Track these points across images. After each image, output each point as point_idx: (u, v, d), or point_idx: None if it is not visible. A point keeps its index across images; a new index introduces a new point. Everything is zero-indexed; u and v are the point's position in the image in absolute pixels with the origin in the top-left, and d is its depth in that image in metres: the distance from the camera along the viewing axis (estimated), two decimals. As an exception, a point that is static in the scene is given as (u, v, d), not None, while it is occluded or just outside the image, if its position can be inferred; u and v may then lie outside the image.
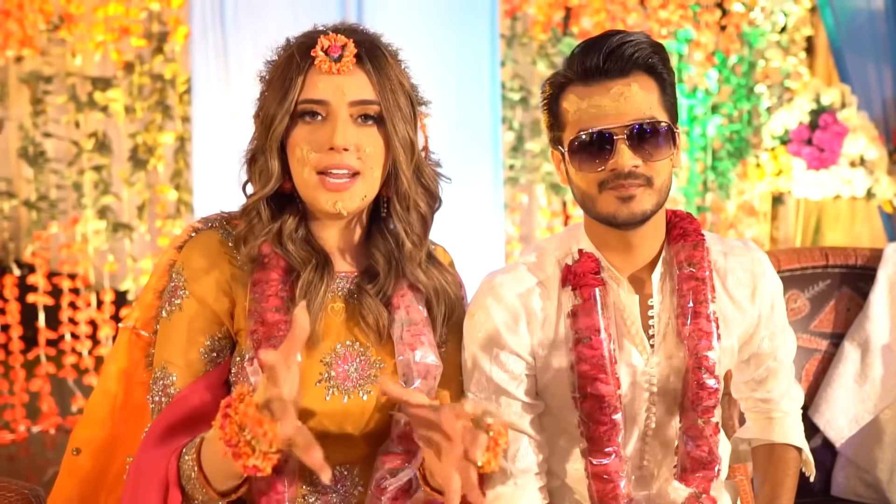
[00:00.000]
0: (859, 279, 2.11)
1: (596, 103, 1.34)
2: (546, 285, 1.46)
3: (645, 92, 1.35)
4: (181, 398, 1.31)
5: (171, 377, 1.32)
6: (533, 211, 4.29)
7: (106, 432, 1.42)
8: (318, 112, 1.31)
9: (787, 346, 1.58)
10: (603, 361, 1.39)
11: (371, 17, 3.34)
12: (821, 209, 4.18)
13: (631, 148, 1.33)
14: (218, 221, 1.40)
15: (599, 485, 1.41)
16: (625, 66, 1.34)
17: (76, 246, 3.87)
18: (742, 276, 1.49)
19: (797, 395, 1.63)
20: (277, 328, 1.30)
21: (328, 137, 1.29)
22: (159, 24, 3.78)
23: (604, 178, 1.35)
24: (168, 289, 1.37)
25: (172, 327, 1.35)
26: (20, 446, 3.73)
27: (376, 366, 1.37)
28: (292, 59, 1.31)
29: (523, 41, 4.07)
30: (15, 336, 3.76)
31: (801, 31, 4.21)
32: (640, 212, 1.35)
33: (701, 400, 1.42)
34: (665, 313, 1.45)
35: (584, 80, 1.35)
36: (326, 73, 1.29)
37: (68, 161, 3.90)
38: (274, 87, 1.32)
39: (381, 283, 1.38)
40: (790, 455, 1.60)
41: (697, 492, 1.44)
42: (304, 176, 1.31)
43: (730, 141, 4.20)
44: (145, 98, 3.83)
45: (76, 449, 1.42)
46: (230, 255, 1.36)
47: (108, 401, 1.43)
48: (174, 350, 1.34)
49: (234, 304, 1.35)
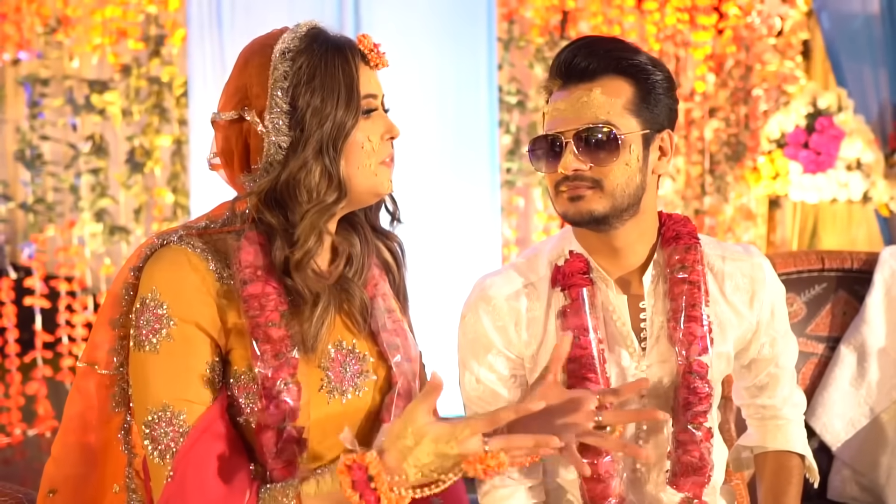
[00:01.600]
0: (855, 283, 2.11)
1: (557, 107, 1.40)
2: (537, 286, 1.47)
3: (608, 97, 1.37)
4: (202, 430, 1.24)
5: (180, 416, 1.23)
6: (529, 214, 4.29)
7: (80, 469, 1.34)
8: (372, 106, 1.33)
9: (788, 352, 1.57)
10: (592, 360, 1.40)
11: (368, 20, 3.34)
12: (817, 212, 4.19)
13: (578, 151, 1.36)
14: (176, 235, 1.30)
15: (591, 485, 1.41)
16: (590, 67, 1.37)
17: (73, 249, 3.86)
18: (741, 281, 1.48)
19: (799, 402, 1.62)
20: (283, 344, 1.26)
21: (391, 127, 1.34)
22: (156, 27, 3.78)
23: (558, 180, 1.40)
24: (145, 319, 1.25)
25: (165, 361, 1.24)
26: (16, 450, 3.72)
27: (365, 360, 1.37)
28: (346, 54, 1.31)
29: (520, 45, 4.07)
30: (11, 339, 3.75)
31: (797, 34, 4.22)
32: (587, 211, 1.38)
33: (691, 405, 1.41)
34: (657, 316, 1.45)
35: (560, 79, 1.41)
36: (374, 68, 1.34)
37: (65, 164, 3.90)
38: (330, 86, 1.28)
39: (357, 263, 1.39)
40: (793, 463, 1.59)
41: (689, 497, 1.44)
42: (370, 168, 1.32)
43: (727, 144, 4.21)
44: (142, 101, 3.83)
45: (52, 490, 1.34)
46: (205, 270, 1.27)
47: (75, 440, 1.34)
48: (176, 385, 1.24)
49: (225, 321, 1.28)
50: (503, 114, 3.99)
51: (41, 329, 3.80)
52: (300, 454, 1.27)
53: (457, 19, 3.52)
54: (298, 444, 1.27)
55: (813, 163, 3.63)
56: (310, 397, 1.30)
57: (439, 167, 3.36)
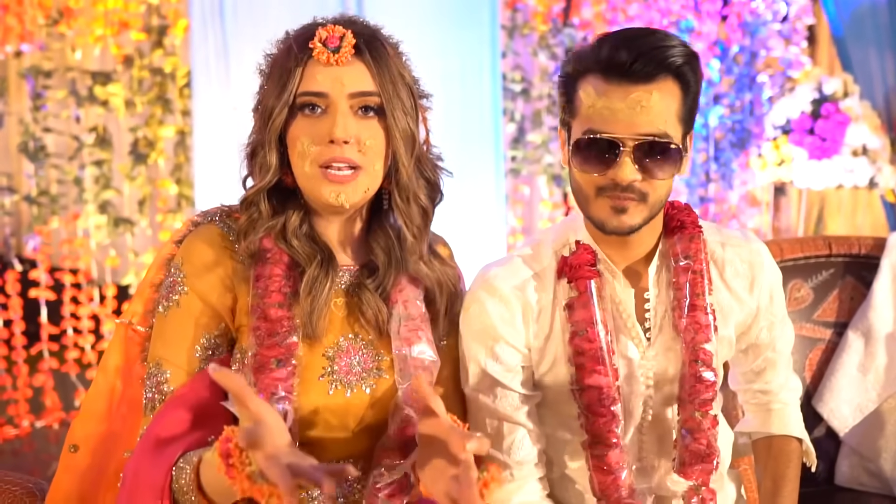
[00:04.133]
0: (862, 268, 2.10)
1: (611, 106, 1.30)
2: (542, 277, 1.45)
3: (664, 102, 1.30)
4: (179, 396, 1.29)
5: (165, 374, 1.31)
6: (534, 202, 4.29)
7: (104, 428, 1.41)
8: (318, 105, 1.29)
9: (785, 337, 1.57)
10: (600, 353, 1.39)
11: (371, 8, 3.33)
12: (823, 199, 4.18)
13: (635, 161, 1.30)
14: (218, 215, 1.38)
15: (601, 476, 1.41)
16: (652, 71, 1.29)
17: (77, 241, 3.87)
18: (740, 266, 1.48)
19: (795, 386, 1.63)
20: (280, 324, 1.29)
21: (328, 130, 1.28)
22: (159, 18, 3.78)
23: (603, 185, 1.33)
24: (165, 284, 1.35)
25: (168, 324, 1.33)
26: (24, 441, 3.74)
27: (378, 358, 1.37)
28: (290, 52, 1.30)
29: (524, 32, 4.06)
30: (17, 331, 3.77)
31: (802, 20, 4.19)
32: (629, 226, 1.35)
33: (698, 393, 1.42)
34: (661, 306, 1.45)
35: (607, 74, 1.30)
36: (325, 64, 1.28)
37: (69, 156, 3.90)
38: (272, 80, 1.31)
39: (380, 277, 1.37)
40: (791, 447, 1.59)
41: (697, 484, 1.44)
42: (304, 169, 1.30)
43: (732, 131, 4.19)
44: (145, 92, 3.83)
45: (73, 446, 1.40)
46: (231, 250, 1.34)
47: (105, 396, 1.41)
48: (169, 347, 1.32)
49: (236, 300, 1.34)
50: (507, 102, 3.98)
51: (47, 321, 3.81)
52: None
53: (460, 7, 3.50)
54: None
55: (818, 149, 3.62)
56: (307, 383, 1.31)
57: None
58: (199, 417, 1.28)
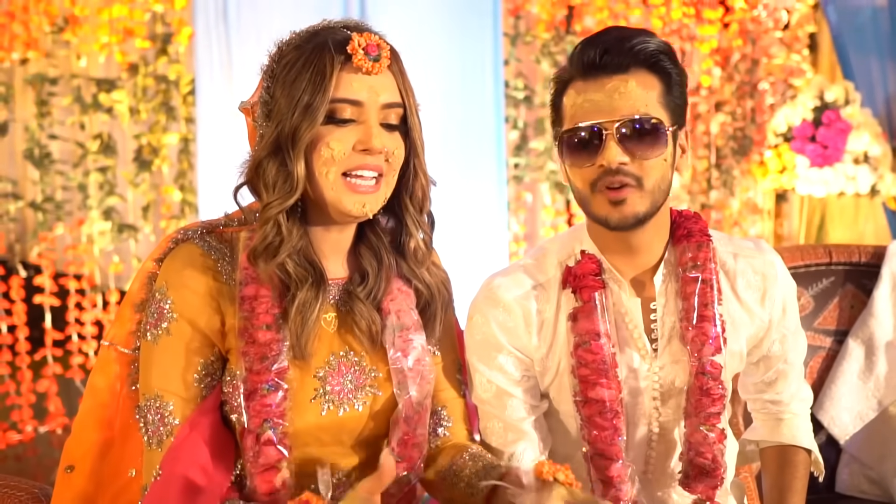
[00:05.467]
0: (863, 276, 2.10)
1: (590, 98, 1.32)
2: (546, 287, 1.44)
3: (643, 89, 1.32)
4: (186, 438, 1.25)
5: (168, 406, 1.26)
6: (537, 210, 4.29)
7: (98, 441, 1.36)
8: (347, 114, 1.25)
9: (798, 349, 1.55)
10: (604, 366, 1.37)
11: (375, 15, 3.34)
12: (824, 206, 4.18)
13: (620, 144, 1.30)
14: (198, 233, 1.33)
15: (603, 489, 1.39)
16: (622, 61, 1.31)
17: (82, 247, 3.88)
18: (752, 278, 1.46)
19: (806, 396, 1.60)
20: (269, 348, 1.25)
21: (363, 139, 1.24)
22: (163, 26, 3.79)
23: (594, 177, 1.33)
24: (152, 310, 1.30)
25: (161, 353, 1.28)
26: (27, 446, 3.74)
27: (371, 374, 1.35)
28: (324, 55, 1.24)
29: (527, 40, 4.07)
30: (22, 337, 3.77)
31: (804, 27, 4.21)
32: (632, 215, 1.33)
33: (704, 406, 1.39)
34: (669, 316, 1.42)
35: (584, 75, 1.34)
36: (365, 73, 1.24)
37: (73, 162, 3.91)
38: (298, 85, 1.23)
39: (371, 285, 1.35)
40: (799, 457, 1.57)
41: (701, 499, 1.41)
42: (327, 177, 1.25)
43: (733, 138, 4.20)
44: (150, 99, 3.84)
45: (70, 466, 1.36)
46: (214, 270, 1.29)
47: (97, 410, 1.37)
48: (167, 377, 1.27)
49: (224, 323, 1.29)
50: (510, 109, 3.99)
51: (51, 327, 3.82)
52: (279, 461, 1.25)
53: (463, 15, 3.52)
54: (277, 451, 1.25)
55: (820, 156, 3.62)
56: (300, 406, 1.28)
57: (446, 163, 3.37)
58: (213, 449, 1.27)
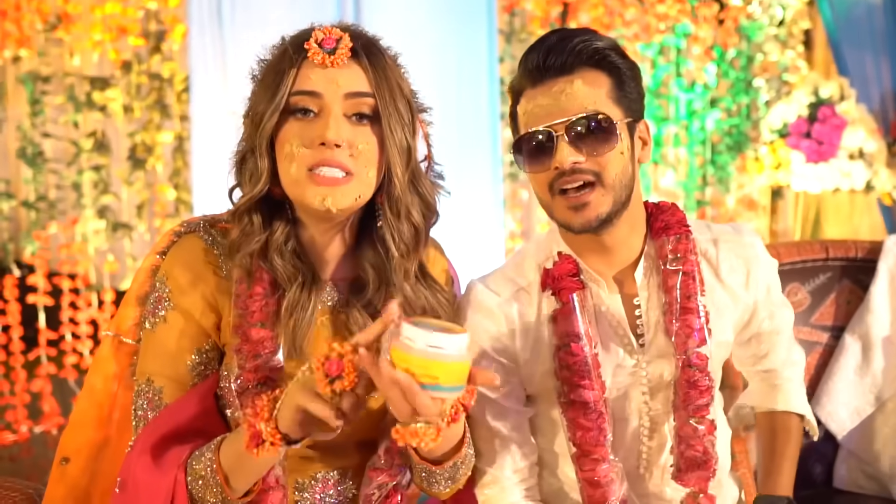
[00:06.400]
0: (860, 272, 2.10)
1: (539, 103, 1.33)
2: (528, 291, 1.44)
3: (590, 87, 1.32)
4: (170, 411, 1.27)
5: (159, 389, 1.28)
6: (533, 206, 4.29)
7: (95, 439, 1.37)
8: (310, 108, 1.23)
9: (786, 319, 1.56)
10: (585, 367, 1.37)
11: (369, 12, 3.34)
12: (820, 202, 4.18)
13: (571, 144, 1.30)
14: (201, 226, 1.33)
15: (590, 490, 1.40)
16: (566, 62, 1.31)
17: (76, 246, 3.87)
18: (735, 262, 1.46)
19: (798, 359, 1.61)
20: (262, 345, 1.25)
21: (320, 132, 1.22)
22: (157, 23, 3.78)
23: (551, 179, 1.33)
24: (152, 299, 1.32)
25: (157, 339, 1.30)
26: (22, 447, 3.73)
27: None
28: (285, 54, 1.26)
29: (521, 37, 4.06)
30: (15, 337, 3.76)
31: (798, 24, 4.21)
32: (595, 217, 1.33)
33: (692, 399, 1.39)
34: (653, 311, 1.42)
35: (532, 82, 1.34)
36: (320, 65, 1.23)
37: (67, 161, 3.90)
38: (265, 83, 1.26)
39: (368, 294, 1.32)
40: (792, 423, 1.59)
41: (695, 491, 1.42)
42: (291, 173, 1.23)
43: (728, 135, 4.19)
44: (143, 97, 3.83)
45: (65, 458, 1.37)
46: (215, 265, 1.30)
47: (94, 407, 1.38)
48: (160, 362, 1.29)
49: (221, 318, 1.30)
50: (505, 106, 3.97)
51: (45, 326, 3.80)
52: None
53: (458, 12, 3.52)
54: None
55: (815, 152, 3.62)
56: None
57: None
58: (192, 429, 1.26)
